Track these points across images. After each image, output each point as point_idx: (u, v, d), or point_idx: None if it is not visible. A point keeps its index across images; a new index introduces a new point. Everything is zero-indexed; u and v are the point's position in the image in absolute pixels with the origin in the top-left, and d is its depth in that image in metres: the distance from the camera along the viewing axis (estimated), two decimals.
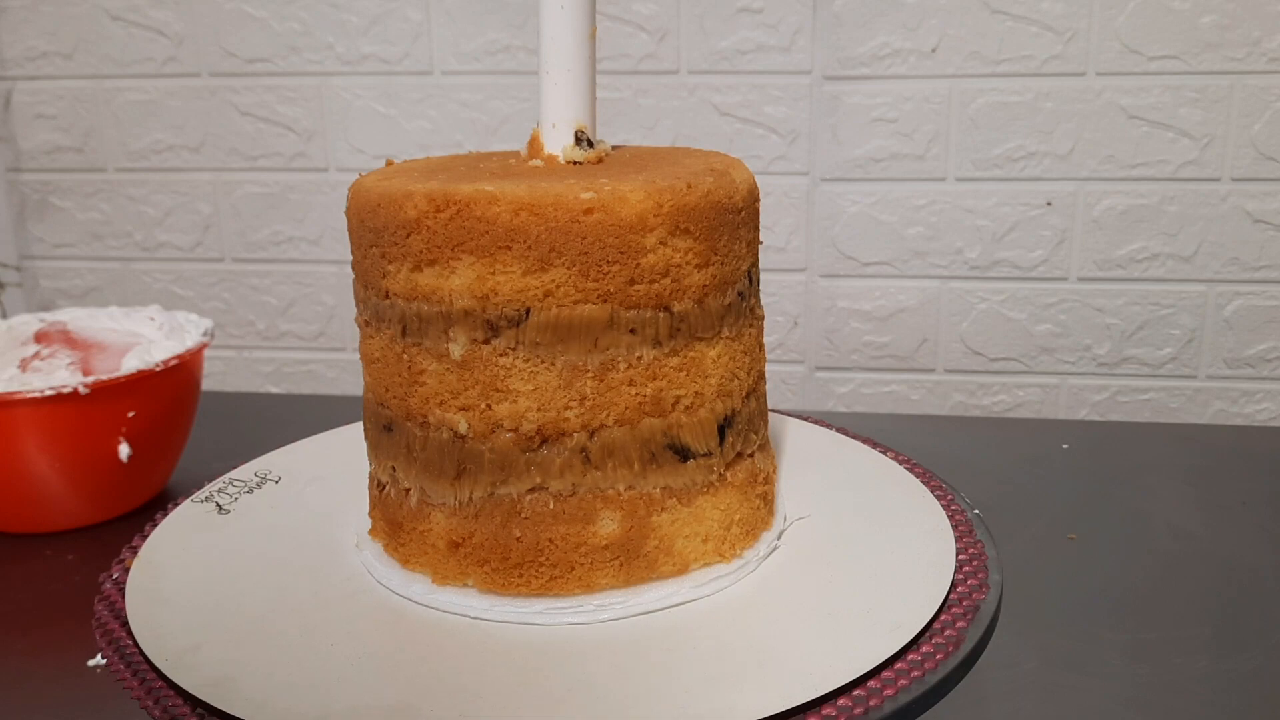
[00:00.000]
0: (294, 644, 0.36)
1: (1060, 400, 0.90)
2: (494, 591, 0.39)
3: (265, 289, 0.96)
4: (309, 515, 0.46)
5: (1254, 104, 0.81)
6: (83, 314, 0.68)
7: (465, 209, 0.36)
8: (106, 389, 0.59)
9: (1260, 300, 0.85)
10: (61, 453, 0.59)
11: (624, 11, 0.85)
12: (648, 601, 0.38)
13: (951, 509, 0.44)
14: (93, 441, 0.60)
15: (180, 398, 0.64)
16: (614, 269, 0.37)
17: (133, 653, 0.36)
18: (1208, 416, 0.88)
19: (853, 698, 0.33)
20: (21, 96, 0.94)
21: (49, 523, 0.62)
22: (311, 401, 0.91)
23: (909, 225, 0.87)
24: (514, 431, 0.38)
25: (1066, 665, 0.48)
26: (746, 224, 0.41)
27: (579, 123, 0.42)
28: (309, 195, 0.93)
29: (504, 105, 0.89)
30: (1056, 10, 0.81)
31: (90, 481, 0.61)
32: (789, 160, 0.87)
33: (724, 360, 0.40)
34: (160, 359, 0.61)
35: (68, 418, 0.58)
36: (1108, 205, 0.84)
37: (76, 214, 0.97)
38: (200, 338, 0.65)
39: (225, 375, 0.99)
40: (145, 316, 0.67)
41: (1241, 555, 0.58)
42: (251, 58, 0.91)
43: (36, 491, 0.60)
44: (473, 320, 0.37)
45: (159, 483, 0.66)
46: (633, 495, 0.39)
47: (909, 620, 0.36)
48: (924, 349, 0.90)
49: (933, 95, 0.84)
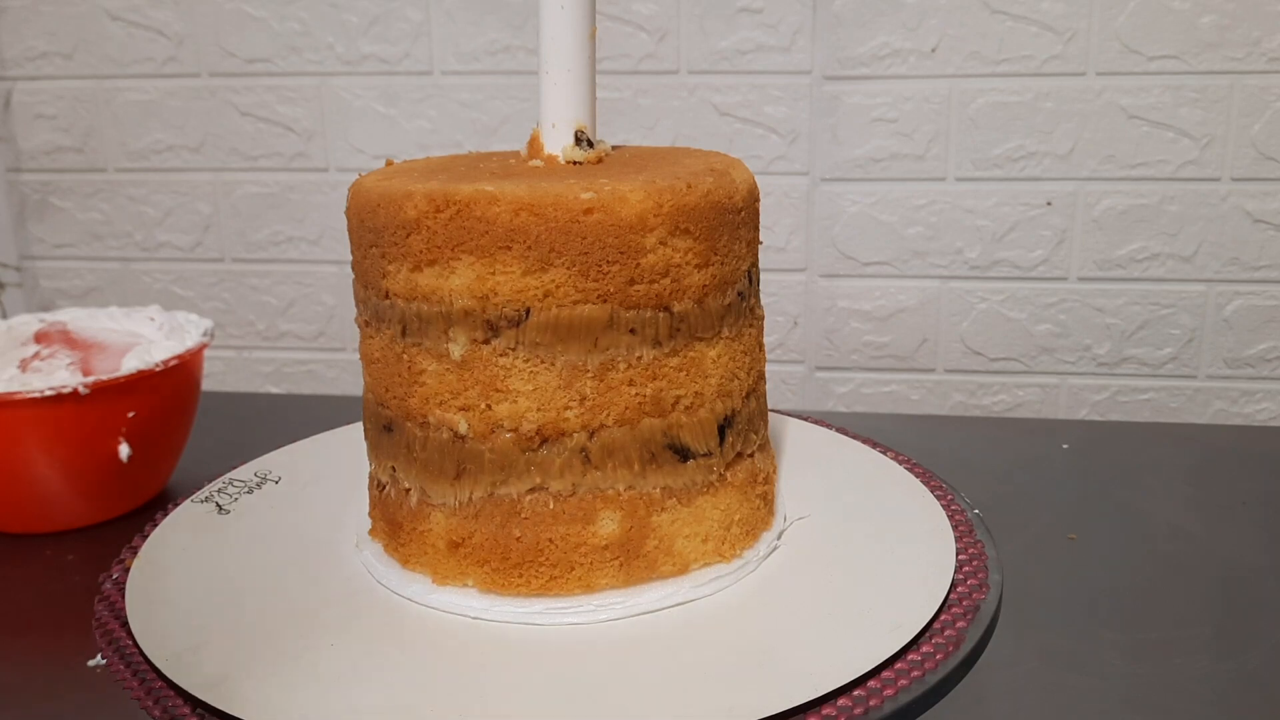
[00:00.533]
0: (294, 644, 0.36)
1: (1060, 400, 0.90)
2: (494, 591, 0.39)
3: (265, 289, 0.96)
4: (309, 515, 0.46)
5: (1254, 104, 0.81)
6: (83, 314, 0.68)
7: (465, 209, 0.36)
8: (106, 389, 0.59)
9: (1260, 300, 0.85)
10: (62, 453, 0.59)
11: (624, 11, 0.85)
12: (648, 601, 0.38)
13: (951, 509, 0.44)
14: (93, 441, 0.60)
15: (180, 398, 0.64)
16: (614, 269, 0.37)
17: (133, 653, 0.36)
18: (1208, 416, 0.88)
19: (853, 698, 0.33)
20: (21, 96, 0.94)
21: (49, 523, 0.62)
22: (311, 401, 0.91)
23: (909, 225, 0.87)
24: (514, 431, 0.38)
25: (1066, 665, 0.48)
26: (746, 224, 0.41)
27: (579, 123, 0.42)
28: (309, 195, 0.93)
29: (504, 105, 0.89)
30: (1056, 10, 0.81)
31: (90, 481, 0.61)
32: (789, 160, 0.87)
33: (724, 360, 0.40)
34: (160, 359, 0.61)
35: (68, 418, 0.58)
36: (1108, 205, 0.84)
37: (76, 214, 0.97)
38: (200, 338, 0.65)
39: (225, 375, 0.99)
40: (145, 317, 0.67)
41: (1241, 555, 0.58)
42: (251, 58, 0.91)
43: (37, 492, 0.60)
44: (473, 320, 0.37)
45: (159, 483, 0.66)
46: (633, 495, 0.39)
47: (909, 620, 0.36)
48: (924, 349, 0.90)
49: (933, 95, 0.84)
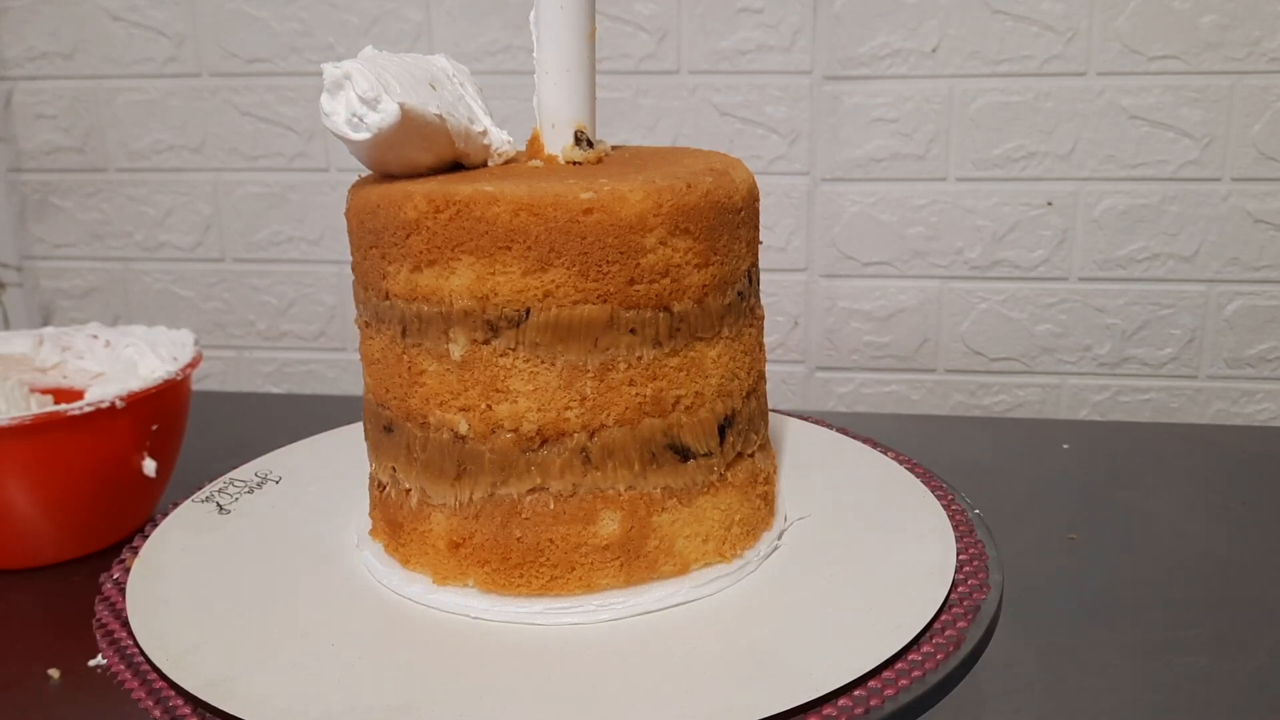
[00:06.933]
0: (294, 644, 0.36)
1: (1060, 400, 0.90)
2: (494, 591, 0.39)
3: (265, 289, 0.96)
4: (309, 515, 0.46)
5: (1254, 104, 0.81)
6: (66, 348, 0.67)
7: (465, 209, 0.36)
8: (137, 401, 0.57)
9: (1260, 300, 0.85)
10: (98, 470, 0.57)
11: (624, 11, 0.85)
12: (648, 601, 0.38)
13: (951, 509, 0.44)
14: (123, 457, 0.58)
15: (185, 406, 0.64)
16: (614, 269, 0.37)
17: (133, 653, 0.37)
18: (1208, 416, 0.88)
19: (853, 698, 0.33)
20: (22, 96, 0.94)
21: (79, 547, 0.60)
22: (311, 401, 0.91)
23: (909, 225, 0.87)
24: (514, 432, 0.38)
25: (1066, 665, 0.48)
26: (746, 224, 0.41)
27: (578, 123, 0.42)
28: (309, 195, 0.93)
29: (504, 105, 0.89)
30: (1056, 10, 0.81)
31: (118, 498, 0.59)
32: (789, 160, 0.87)
33: (724, 360, 0.40)
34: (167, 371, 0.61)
35: (102, 433, 0.56)
36: (1108, 205, 0.84)
37: (77, 214, 0.97)
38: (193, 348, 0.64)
39: (225, 375, 0.99)
40: (125, 344, 0.66)
41: (1241, 555, 0.58)
42: (252, 58, 0.91)
43: (65, 516, 0.58)
44: (473, 321, 0.37)
45: (159, 496, 0.65)
46: (633, 495, 0.39)
47: (909, 620, 0.36)
48: (924, 349, 0.90)
49: (933, 95, 0.84)
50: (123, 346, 0.66)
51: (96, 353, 0.66)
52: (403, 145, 0.38)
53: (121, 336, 0.67)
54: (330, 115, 0.37)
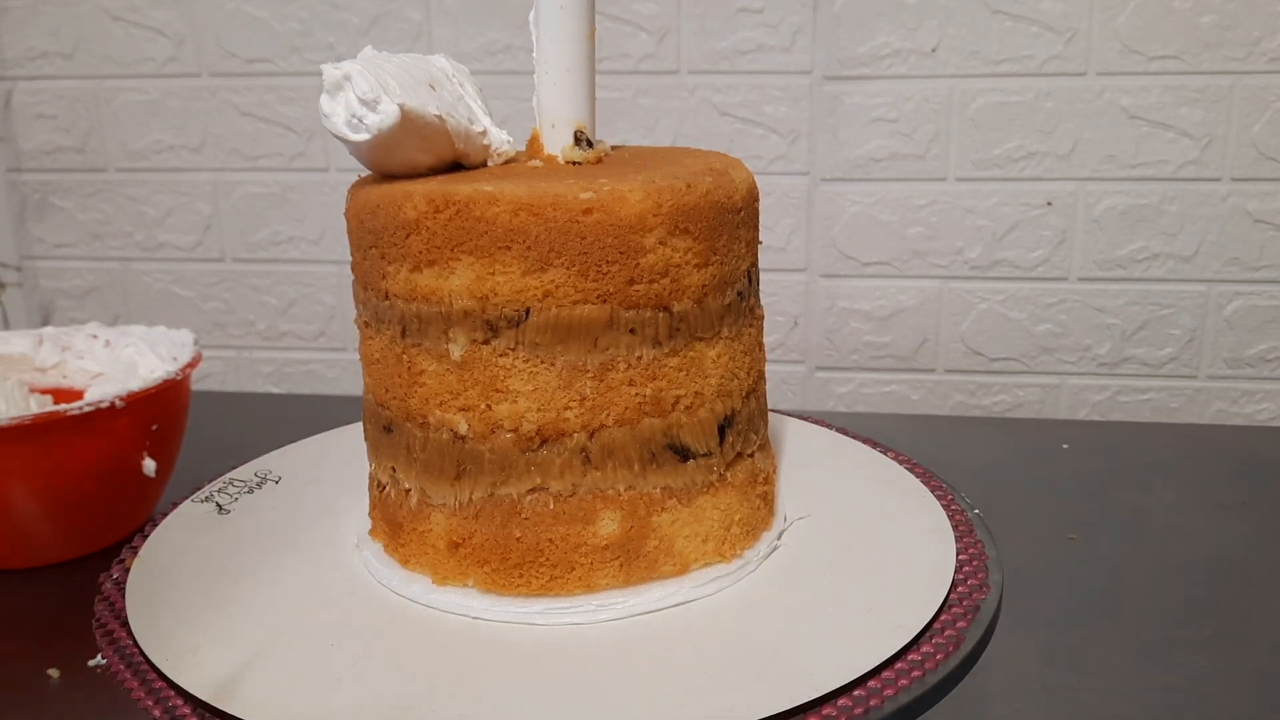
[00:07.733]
0: (294, 644, 0.36)
1: (1060, 400, 0.90)
2: (494, 591, 0.39)
3: (265, 289, 0.96)
4: (309, 515, 0.46)
5: (1254, 104, 0.81)
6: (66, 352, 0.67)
7: (464, 209, 0.36)
8: (137, 401, 0.57)
9: (1260, 300, 0.85)
10: (97, 470, 0.57)
11: (624, 11, 0.85)
12: (648, 601, 0.38)
13: (951, 509, 0.44)
14: (123, 457, 0.58)
15: (185, 405, 0.64)
16: (613, 269, 0.37)
17: (133, 653, 0.37)
18: (1208, 416, 0.88)
19: (853, 698, 0.33)
20: (22, 96, 0.94)
21: (77, 548, 0.59)
22: (311, 401, 0.91)
23: (909, 225, 0.87)
24: (514, 432, 0.38)
25: (1066, 665, 0.48)
26: (746, 224, 0.41)
27: (578, 123, 0.42)
28: (309, 195, 0.93)
29: (504, 105, 0.89)
30: (1056, 10, 0.81)
31: (118, 498, 0.59)
32: (789, 160, 0.87)
33: (724, 360, 0.40)
34: (164, 372, 0.61)
35: (101, 433, 0.56)
36: (1108, 205, 0.84)
37: (77, 214, 0.97)
38: (192, 348, 0.64)
39: (225, 375, 0.99)
40: (125, 344, 0.66)
41: (1241, 555, 0.58)
42: (251, 58, 0.91)
43: (69, 517, 0.58)
44: (472, 321, 0.37)
45: (158, 498, 0.65)
46: (633, 495, 0.39)
47: (909, 620, 0.36)
48: (924, 349, 0.90)
49: (933, 95, 0.84)
50: (122, 346, 0.66)
51: (96, 353, 0.66)
52: (402, 146, 0.38)
53: (121, 336, 0.66)
54: (330, 116, 0.37)
